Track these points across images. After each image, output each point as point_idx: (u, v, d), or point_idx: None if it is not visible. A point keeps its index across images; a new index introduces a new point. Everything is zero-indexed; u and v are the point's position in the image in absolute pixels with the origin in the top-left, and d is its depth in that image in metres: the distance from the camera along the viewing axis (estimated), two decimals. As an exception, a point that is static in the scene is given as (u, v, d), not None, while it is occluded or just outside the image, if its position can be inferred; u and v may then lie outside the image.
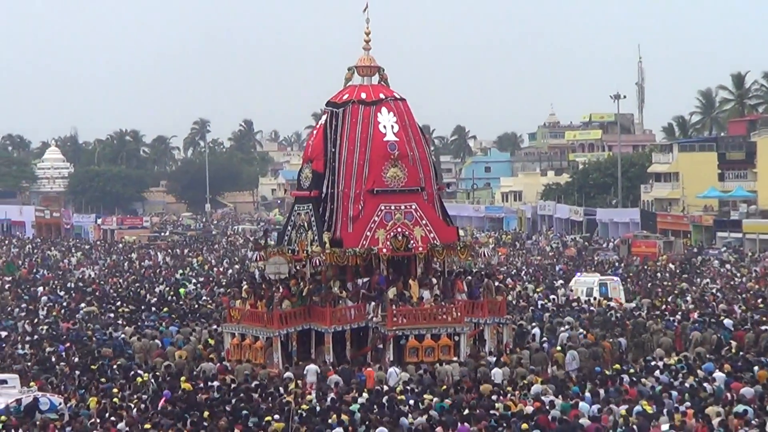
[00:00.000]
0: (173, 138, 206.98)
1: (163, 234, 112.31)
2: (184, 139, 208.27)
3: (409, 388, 32.15)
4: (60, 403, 30.80)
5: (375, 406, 29.26)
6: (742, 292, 54.10)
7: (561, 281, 60.32)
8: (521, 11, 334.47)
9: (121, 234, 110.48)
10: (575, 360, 36.33)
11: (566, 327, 42.10)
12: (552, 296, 53.69)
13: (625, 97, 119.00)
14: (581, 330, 41.10)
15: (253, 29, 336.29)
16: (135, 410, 29.85)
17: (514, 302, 50.30)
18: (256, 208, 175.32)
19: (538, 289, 56.29)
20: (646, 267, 68.86)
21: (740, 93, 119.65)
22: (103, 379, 34.68)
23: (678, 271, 66.32)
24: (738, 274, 63.56)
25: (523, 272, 67.81)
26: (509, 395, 30.76)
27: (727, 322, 42.34)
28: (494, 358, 36.27)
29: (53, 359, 38.79)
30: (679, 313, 44.94)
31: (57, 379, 35.61)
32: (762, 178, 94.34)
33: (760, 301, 49.08)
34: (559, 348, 37.82)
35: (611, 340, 39.38)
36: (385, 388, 32.47)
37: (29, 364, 38.31)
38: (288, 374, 34.64)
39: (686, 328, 40.48)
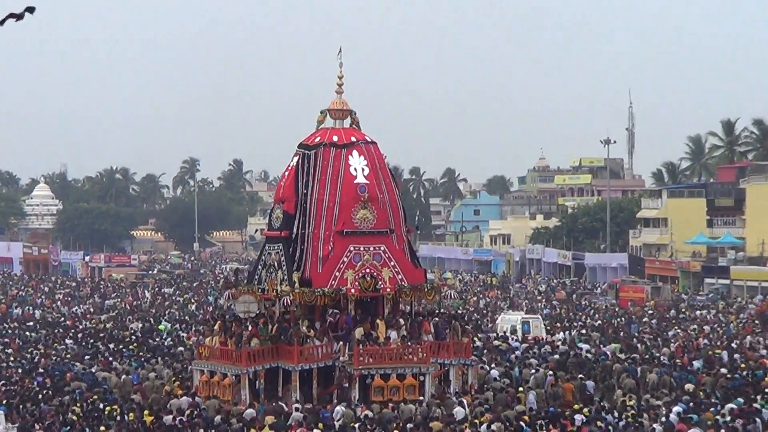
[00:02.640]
0: (162, 176, 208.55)
1: (150, 272, 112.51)
2: (173, 178, 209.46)
3: (368, 425, 32.39)
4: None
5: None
6: (730, 338, 54.10)
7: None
8: (513, 55, 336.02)
9: (109, 272, 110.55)
10: (534, 400, 36.71)
11: (532, 368, 42.36)
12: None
13: (615, 142, 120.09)
14: (550, 371, 41.34)
15: (243, 69, 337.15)
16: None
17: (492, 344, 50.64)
18: (245, 247, 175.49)
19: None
20: (628, 312, 69.00)
21: (730, 140, 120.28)
22: (76, 408, 34.92)
23: (666, 316, 66.38)
24: (724, 321, 63.58)
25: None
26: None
27: (696, 363, 42.95)
28: (458, 399, 36.47)
29: (39, 396, 38.79)
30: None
31: (41, 415, 35.62)
32: (750, 224, 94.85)
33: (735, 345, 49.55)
34: (521, 389, 38.16)
35: (575, 381, 39.61)
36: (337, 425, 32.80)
37: (14, 400, 38.34)
38: (249, 411, 34.85)
39: (646, 372, 40.89)
